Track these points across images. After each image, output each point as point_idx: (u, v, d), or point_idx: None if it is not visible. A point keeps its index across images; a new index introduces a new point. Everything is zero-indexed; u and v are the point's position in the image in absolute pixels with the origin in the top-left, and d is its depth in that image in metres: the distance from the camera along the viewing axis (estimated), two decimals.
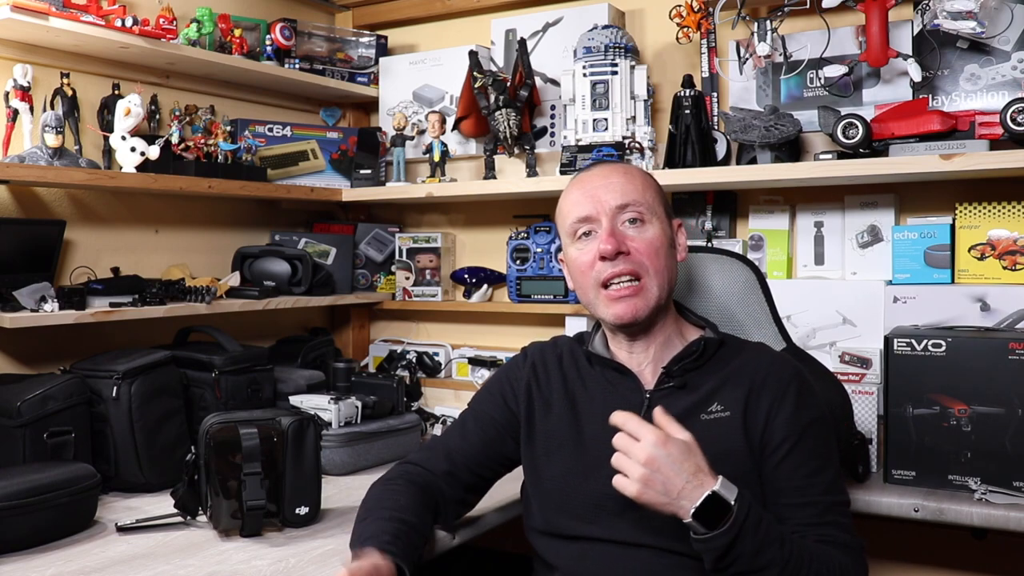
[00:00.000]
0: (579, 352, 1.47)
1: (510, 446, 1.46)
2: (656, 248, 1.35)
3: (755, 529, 1.14)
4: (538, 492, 1.40)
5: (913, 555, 2.06)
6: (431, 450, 1.49)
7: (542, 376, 1.46)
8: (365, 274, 2.68)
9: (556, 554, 1.37)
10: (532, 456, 1.42)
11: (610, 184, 1.37)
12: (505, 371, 1.53)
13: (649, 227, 1.36)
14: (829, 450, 1.32)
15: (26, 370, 1.97)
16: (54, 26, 1.85)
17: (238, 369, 1.99)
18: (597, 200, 1.36)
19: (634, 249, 1.33)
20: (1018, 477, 1.60)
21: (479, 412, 1.50)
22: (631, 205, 1.35)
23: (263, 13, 2.54)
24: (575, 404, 1.41)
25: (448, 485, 1.44)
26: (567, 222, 1.41)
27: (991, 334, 1.67)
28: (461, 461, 1.45)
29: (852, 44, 2.09)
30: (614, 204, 1.35)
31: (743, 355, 1.38)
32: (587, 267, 1.36)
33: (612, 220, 1.35)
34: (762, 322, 1.62)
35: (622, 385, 1.39)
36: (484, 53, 2.47)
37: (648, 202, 1.37)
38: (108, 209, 2.19)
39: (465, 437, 1.48)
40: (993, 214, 1.89)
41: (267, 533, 1.55)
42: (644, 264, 1.33)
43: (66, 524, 1.52)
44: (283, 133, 2.56)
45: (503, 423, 1.46)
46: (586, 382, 1.42)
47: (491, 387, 1.52)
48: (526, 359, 1.51)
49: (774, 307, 1.64)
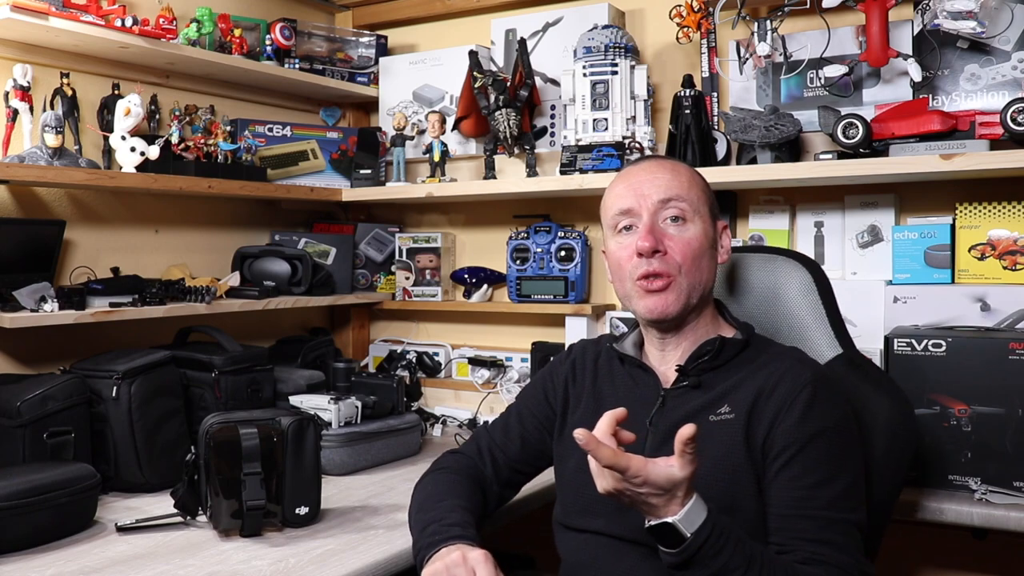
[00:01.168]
0: (614, 351, 1.48)
1: (548, 443, 1.51)
2: (694, 249, 1.33)
3: (712, 559, 1.09)
4: (559, 484, 1.44)
5: (913, 555, 2.06)
6: (476, 443, 1.55)
7: (579, 372, 1.49)
8: (365, 274, 2.68)
9: (565, 546, 1.40)
10: (559, 451, 1.47)
11: (655, 179, 1.36)
12: (550, 366, 1.57)
13: (690, 226, 1.34)
14: (840, 464, 1.24)
15: (26, 370, 1.97)
16: (54, 26, 1.85)
17: (238, 369, 1.99)
18: (640, 194, 1.35)
19: (671, 248, 1.32)
20: (1018, 477, 1.60)
21: (523, 408, 1.55)
22: (674, 200, 1.34)
23: (263, 13, 2.54)
24: (601, 399, 1.42)
25: (491, 479, 1.50)
26: (609, 214, 1.40)
27: (991, 334, 1.67)
28: (502, 457, 1.51)
29: (852, 44, 2.09)
30: (657, 199, 1.34)
31: (764, 358, 1.34)
32: (625, 261, 1.36)
33: (653, 216, 1.34)
34: (810, 325, 1.51)
35: (643, 381, 1.40)
36: (484, 53, 2.47)
37: (692, 200, 1.35)
38: (108, 209, 2.19)
39: (507, 433, 1.53)
40: (993, 214, 1.89)
41: (267, 533, 1.55)
42: (678, 264, 1.32)
43: (66, 524, 1.52)
44: (283, 133, 2.56)
45: (543, 420, 1.51)
46: (615, 379, 1.44)
47: (537, 382, 1.57)
48: (569, 355, 1.54)
49: (834, 309, 1.53)
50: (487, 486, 1.50)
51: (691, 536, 1.08)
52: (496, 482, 1.51)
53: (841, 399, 1.31)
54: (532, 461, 1.52)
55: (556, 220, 2.45)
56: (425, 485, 1.47)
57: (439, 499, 1.39)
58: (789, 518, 1.21)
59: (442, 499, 1.39)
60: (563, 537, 1.42)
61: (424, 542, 1.29)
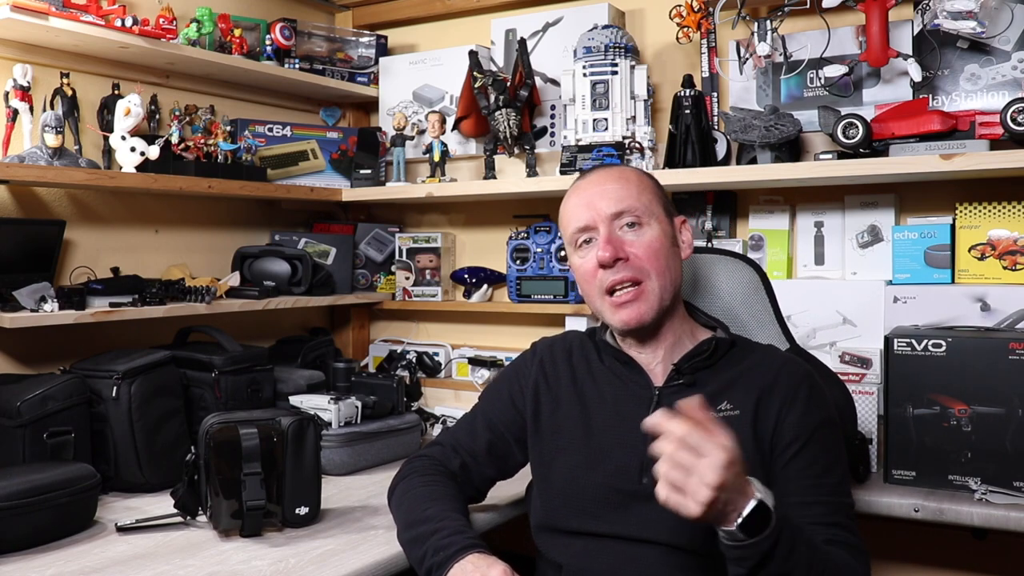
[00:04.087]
0: (589, 346, 1.47)
1: (515, 449, 1.49)
2: (655, 250, 1.35)
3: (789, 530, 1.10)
4: (545, 488, 1.41)
5: (913, 555, 2.06)
6: (442, 445, 1.52)
7: (550, 372, 1.47)
8: (365, 274, 2.68)
9: (561, 551, 1.38)
10: (540, 453, 1.44)
11: (605, 191, 1.37)
12: (514, 369, 1.54)
13: (647, 229, 1.35)
14: (837, 452, 1.32)
15: (26, 370, 1.97)
16: (54, 26, 1.85)
17: (238, 369, 1.99)
18: (593, 208, 1.36)
19: (633, 255, 1.34)
20: (1018, 477, 1.60)
21: (488, 413, 1.51)
22: (626, 212, 1.35)
23: (263, 13, 2.54)
24: (584, 398, 1.41)
25: (461, 480, 1.48)
26: (568, 232, 1.41)
27: (991, 334, 1.67)
28: (470, 461, 1.49)
29: (852, 44, 2.09)
30: (609, 212, 1.35)
31: (754, 356, 1.39)
32: (590, 275, 1.37)
33: (609, 227, 1.35)
34: (765, 323, 1.62)
35: (631, 380, 1.39)
36: (484, 53, 2.47)
37: (644, 204, 1.36)
38: (108, 209, 2.19)
39: (474, 437, 1.50)
40: (993, 214, 1.89)
41: (267, 533, 1.55)
42: (644, 268, 1.33)
43: (66, 524, 1.52)
44: (283, 133, 2.56)
45: (510, 426, 1.48)
46: (595, 376, 1.43)
47: (500, 386, 1.53)
48: (534, 355, 1.52)
49: (778, 308, 1.64)
50: (461, 487, 1.47)
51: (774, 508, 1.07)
52: (467, 485, 1.49)
53: (826, 390, 1.38)
54: (499, 465, 1.50)
55: (556, 220, 2.45)
56: (408, 490, 1.43)
57: (428, 503, 1.37)
58: (804, 505, 1.25)
59: (432, 504, 1.37)
60: (556, 542, 1.39)
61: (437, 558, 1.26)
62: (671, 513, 1.17)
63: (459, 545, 1.26)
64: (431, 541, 1.29)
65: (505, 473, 1.52)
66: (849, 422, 1.66)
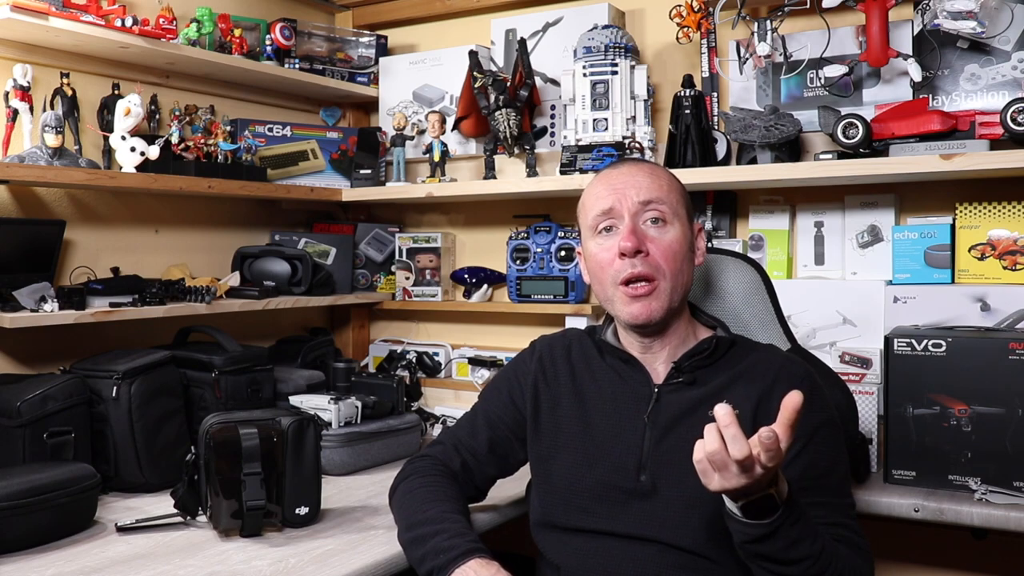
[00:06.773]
0: (588, 343, 1.47)
1: (516, 447, 1.49)
2: (675, 251, 1.34)
3: (794, 525, 1.12)
4: (545, 486, 1.42)
5: (913, 555, 2.06)
6: (443, 445, 1.52)
7: (549, 370, 1.47)
8: (365, 274, 2.68)
9: (560, 550, 1.38)
10: (539, 451, 1.44)
11: (636, 181, 1.37)
12: (513, 367, 1.54)
13: (671, 228, 1.35)
14: (839, 452, 1.32)
15: (26, 370, 1.97)
16: (54, 26, 1.85)
17: (238, 369, 1.99)
18: (621, 195, 1.36)
19: (652, 251, 1.33)
20: (1018, 477, 1.60)
21: (489, 411, 1.52)
22: (654, 202, 1.35)
23: (263, 13, 2.54)
24: (583, 396, 1.42)
25: (463, 480, 1.48)
26: (589, 215, 1.40)
27: (991, 334, 1.67)
28: (472, 459, 1.49)
29: (852, 44, 2.09)
30: (638, 200, 1.35)
31: (754, 355, 1.39)
32: (607, 263, 1.36)
33: (634, 217, 1.35)
34: (767, 322, 1.62)
35: (631, 377, 1.39)
36: (484, 53, 2.47)
37: (672, 203, 1.36)
38: (108, 209, 2.19)
39: (475, 435, 1.51)
40: (993, 214, 1.89)
41: (267, 533, 1.55)
42: (661, 267, 1.33)
43: (66, 524, 1.52)
44: (283, 133, 2.56)
45: (511, 424, 1.49)
46: (595, 374, 1.43)
47: (500, 384, 1.54)
48: (533, 353, 1.52)
49: (779, 308, 1.64)
50: (462, 487, 1.47)
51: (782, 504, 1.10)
52: (469, 484, 1.49)
53: (826, 390, 1.38)
54: (500, 463, 1.51)
55: (556, 220, 2.45)
56: (409, 490, 1.43)
57: (430, 504, 1.37)
58: (808, 505, 1.24)
59: (433, 505, 1.37)
60: (555, 541, 1.39)
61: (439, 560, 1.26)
62: (670, 511, 1.17)
63: (461, 549, 1.26)
64: (432, 542, 1.29)
65: (506, 471, 1.53)
66: (850, 422, 1.65)
